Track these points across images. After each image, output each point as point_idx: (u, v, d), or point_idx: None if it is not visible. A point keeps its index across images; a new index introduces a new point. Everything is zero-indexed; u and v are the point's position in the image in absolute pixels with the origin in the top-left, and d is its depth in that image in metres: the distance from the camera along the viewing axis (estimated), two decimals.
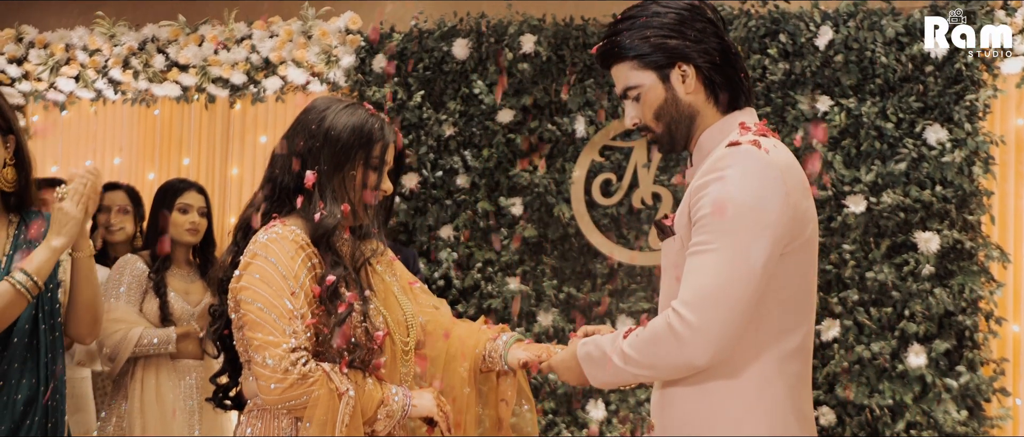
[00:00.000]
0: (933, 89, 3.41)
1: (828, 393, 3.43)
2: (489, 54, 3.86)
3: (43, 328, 2.16)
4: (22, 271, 2.02)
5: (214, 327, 1.79)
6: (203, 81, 4.29)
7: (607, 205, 3.77)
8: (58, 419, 2.19)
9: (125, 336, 3.01)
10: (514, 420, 1.91)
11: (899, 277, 3.38)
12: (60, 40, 4.51)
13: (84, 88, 4.46)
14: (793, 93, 3.55)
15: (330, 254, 1.70)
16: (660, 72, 1.64)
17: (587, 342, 1.68)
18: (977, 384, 3.30)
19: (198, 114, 4.74)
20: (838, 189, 3.46)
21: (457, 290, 3.84)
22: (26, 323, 2.13)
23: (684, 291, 1.52)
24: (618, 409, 3.64)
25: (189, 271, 3.23)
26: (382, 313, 1.75)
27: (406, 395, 1.72)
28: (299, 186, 1.73)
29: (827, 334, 3.41)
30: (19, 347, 2.11)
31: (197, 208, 3.20)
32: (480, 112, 3.87)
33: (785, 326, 1.59)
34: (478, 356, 1.87)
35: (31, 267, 2.03)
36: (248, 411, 1.76)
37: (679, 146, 1.69)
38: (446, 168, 3.90)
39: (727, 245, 1.50)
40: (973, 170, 3.36)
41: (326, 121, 1.73)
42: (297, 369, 1.61)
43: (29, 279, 2.02)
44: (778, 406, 1.58)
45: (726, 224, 1.50)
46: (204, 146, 4.75)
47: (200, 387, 3.17)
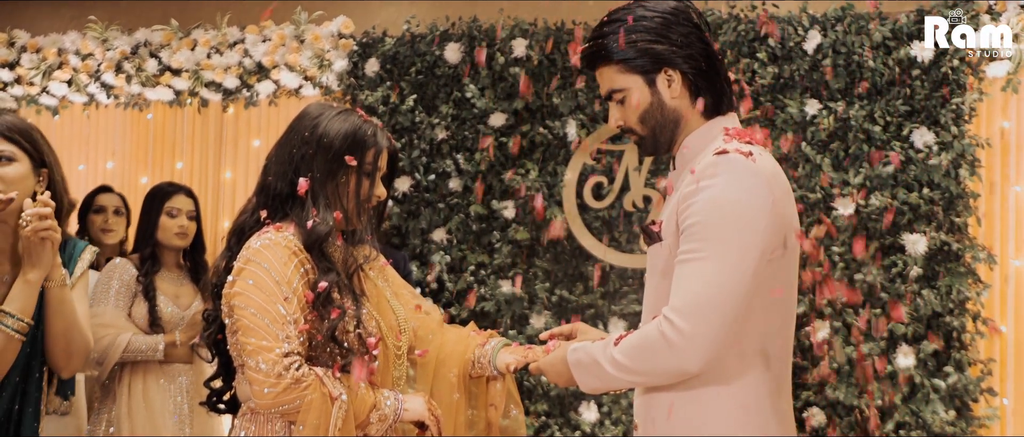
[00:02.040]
0: (920, 93, 3.44)
1: (818, 394, 3.46)
2: (482, 58, 3.88)
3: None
4: (7, 313, 2.02)
5: (208, 332, 1.81)
6: (196, 85, 4.30)
7: (598, 208, 3.79)
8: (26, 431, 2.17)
9: (113, 342, 3.02)
10: (504, 423, 1.93)
11: (887, 279, 3.42)
12: (52, 44, 4.51)
13: (77, 92, 4.46)
14: (782, 97, 3.58)
15: (323, 260, 1.71)
16: (646, 77, 1.66)
17: (578, 348, 1.69)
18: (965, 384, 3.33)
19: (191, 118, 4.75)
20: (827, 192, 3.49)
21: (450, 293, 3.86)
22: None
23: (675, 299, 1.54)
24: (610, 411, 3.66)
25: (179, 275, 3.23)
26: (375, 318, 1.77)
27: (398, 399, 1.74)
28: (292, 192, 1.74)
29: (817, 335, 3.44)
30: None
31: (186, 212, 3.20)
32: (472, 116, 3.89)
33: (769, 329, 1.62)
34: (467, 361, 1.89)
35: (14, 307, 2.02)
36: (242, 415, 1.77)
37: (662, 149, 1.71)
38: (438, 172, 3.92)
39: (717, 253, 1.52)
40: (960, 173, 3.40)
41: (319, 128, 1.75)
42: (290, 373, 1.62)
43: (18, 321, 2.02)
44: (761, 408, 1.61)
45: (716, 232, 1.52)
46: (197, 150, 4.76)
47: (190, 390, 3.18)
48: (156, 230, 3.16)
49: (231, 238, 1.78)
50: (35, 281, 2.03)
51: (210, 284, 1.79)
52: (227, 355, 1.79)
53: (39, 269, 2.03)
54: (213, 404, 1.86)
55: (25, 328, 2.03)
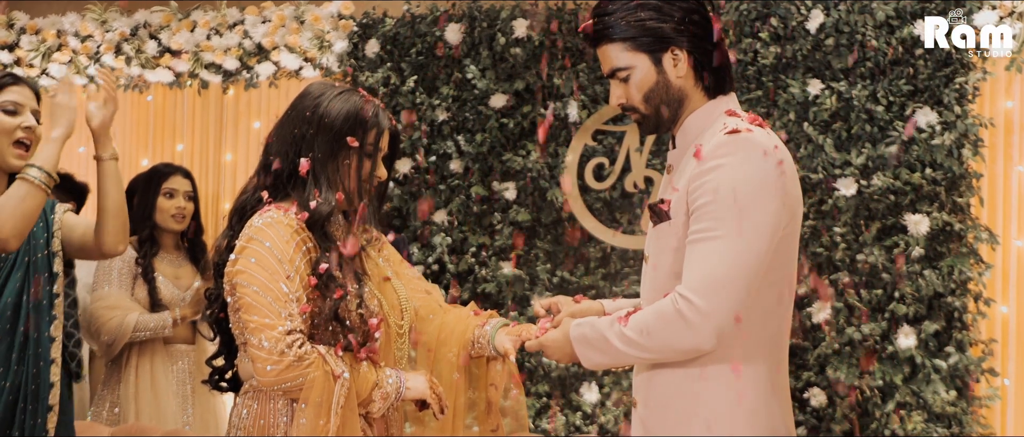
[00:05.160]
0: (923, 72, 3.43)
1: (819, 374, 3.47)
2: (482, 39, 3.87)
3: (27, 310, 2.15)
4: (33, 165, 2.07)
5: (210, 310, 1.81)
6: (196, 67, 4.29)
7: (600, 189, 3.79)
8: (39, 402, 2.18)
9: (122, 322, 3.03)
10: (505, 403, 1.94)
11: (889, 259, 3.41)
12: (51, 26, 4.49)
13: (76, 74, 4.45)
14: (784, 77, 3.56)
15: (325, 239, 1.71)
16: (652, 56, 1.65)
17: (582, 323, 1.70)
18: (966, 365, 3.34)
19: (191, 100, 4.74)
20: (829, 172, 3.48)
21: (451, 275, 3.86)
22: (9, 296, 2.13)
23: (690, 278, 1.55)
24: (611, 392, 3.67)
25: (178, 256, 3.23)
26: (377, 297, 1.77)
27: (400, 377, 1.75)
28: (294, 172, 1.74)
29: (818, 316, 3.44)
30: (1, 321, 2.11)
31: (183, 192, 3.19)
32: (473, 97, 3.87)
33: (769, 307, 1.63)
34: (467, 341, 1.89)
35: (40, 160, 2.07)
36: (244, 392, 1.78)
37: (664, 128, 1.71)
38: (440, 153, 3.91)
39: (731, 232, 1.53)
40: (962, 153, 3.39)
41: (320, 107, 1.74)
42: (293, 351, 1.63)
43: (41, 172, 2.06)
44: (760, 384, 1.63)
45: (729, 211, 1.54)
46: (197, 132, 4.75)
47: (192, 372, 3.19)
48: (154, 212, 3.16)
49: (233, 217, 1.79)
50: (60, 138, 2.11)
51: (212, 263, 1.79)
52: (229, 334, 1.80)
53: (62, 127, 2.10)
54: (215, 383, 1.87)
55: (50, 182, 2.07)
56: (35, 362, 2.15)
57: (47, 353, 2.18)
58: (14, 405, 2.13)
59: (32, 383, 2.14)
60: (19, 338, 2.14)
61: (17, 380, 2.12)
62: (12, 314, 2.14)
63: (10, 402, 2.12)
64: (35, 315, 2.16)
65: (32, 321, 2.15)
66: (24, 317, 2.15)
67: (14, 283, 2.14)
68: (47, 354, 2.18)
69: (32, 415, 2.16)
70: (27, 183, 2.04)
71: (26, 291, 2.16)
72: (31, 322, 2.15)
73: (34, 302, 2.16)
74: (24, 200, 2.02)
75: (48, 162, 2.07)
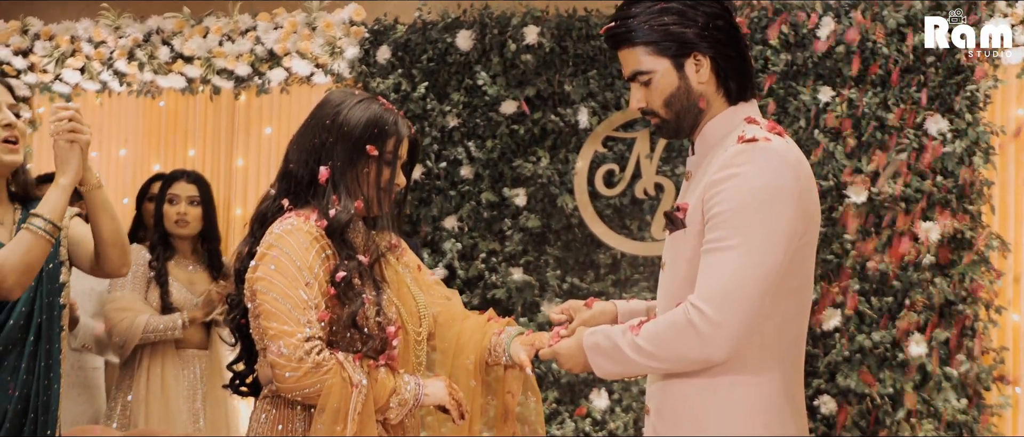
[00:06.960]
0: (934, 80, 3.43)
1: (829, 382, 3.47)
2: (492, 46, 3.88)
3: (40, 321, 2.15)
4: (37, 216, 2.04)
5: (231, 315, 1.83)
6: (208, 73, 4.31)
7: (610, 196, 3.79)
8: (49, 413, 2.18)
9: (132, 323, 3.04)
10: (520, 411, 1.95)
11: (900, 266, 3.41)
12: (65, 32, 4.52)
13: (89, 80, 4.48)
14: (795, 84, 3.57)
15: (344, 247, 1.72)
16: (675, 61, 1.64)
17: (595, 331, 1.69)
18: (977, 373, 3.33)
19: (203, 106, 4.76)
20: (839, 179, 3.49)
21: (461, 281, 3.87)
22: (23, 306, 2.13)
23: (703, 288, 1.54)
24: (621, 398, 3.67)
25: (193, 261, 3.24)
26: (395, 304, 1.78)
27: (418, 384, 1.75)
28: (313, 180, 1.75)
29: (828, 323, 3.44)
30: (13, 330, 2.12)
31: (185, 198, 3.19)
32: (484, 103, 3.89)
33: (787, 316, 1.62)
34: (484, 349, 1.90)
35: (45, 210, 2.04)
36: (263, 397, 1.79)
37: (684, 134, 1.70)
38: (450, 159, 3.93)
39: (745, 242, 1.52)
40: (974, 160, 3.39)
41: (340, 116, 1.75)
42: (311, 358, 1.64)
43: (47, 222, 2.03)
44: (774, 394, 1.62)
45: (744, 221, 1.52)
46: (209, 138, 4.77)
47: (204, 378, 3.20)
48: (162, 217, 3.18)
49: (253, 224, 1.80)
50: (67, 185, 2.06)
51: (232, 269, 1.81)
52: (250, 339, 1.81)
53: (69, 174, 2.05)
54: (235, 387, 1.88)
55: (54, 231, 2.05)
56: (45, 373, 2.15)
57: (57, 364, 2.19)
58: (24, 415, 2.13)
59: (43, 395, 2.15)
60: (29, 348, 2.14)
61: (26, 390, 2.13)
62: (24, 324, 2.14)
63: (19, 412, 2.12)
64: (46, 326, 2.16)
65: (42, 332, 2.15)
66: (34, 327, 2.15)
67: (26, 293, 2.13)
68: (56, 365, 2.19)
69: (42, 426, 2.16)
70: (32, 234, 2.02)
71: (37, 301, 2.16)
72: (42, 333, 2.15)
73: (47, 315, 2.16)
74: (29, 251, 2.01)
75: (54, 213, 2.04)
